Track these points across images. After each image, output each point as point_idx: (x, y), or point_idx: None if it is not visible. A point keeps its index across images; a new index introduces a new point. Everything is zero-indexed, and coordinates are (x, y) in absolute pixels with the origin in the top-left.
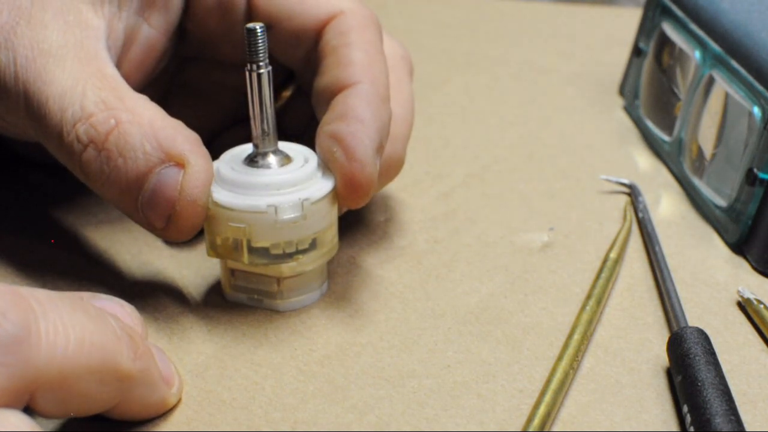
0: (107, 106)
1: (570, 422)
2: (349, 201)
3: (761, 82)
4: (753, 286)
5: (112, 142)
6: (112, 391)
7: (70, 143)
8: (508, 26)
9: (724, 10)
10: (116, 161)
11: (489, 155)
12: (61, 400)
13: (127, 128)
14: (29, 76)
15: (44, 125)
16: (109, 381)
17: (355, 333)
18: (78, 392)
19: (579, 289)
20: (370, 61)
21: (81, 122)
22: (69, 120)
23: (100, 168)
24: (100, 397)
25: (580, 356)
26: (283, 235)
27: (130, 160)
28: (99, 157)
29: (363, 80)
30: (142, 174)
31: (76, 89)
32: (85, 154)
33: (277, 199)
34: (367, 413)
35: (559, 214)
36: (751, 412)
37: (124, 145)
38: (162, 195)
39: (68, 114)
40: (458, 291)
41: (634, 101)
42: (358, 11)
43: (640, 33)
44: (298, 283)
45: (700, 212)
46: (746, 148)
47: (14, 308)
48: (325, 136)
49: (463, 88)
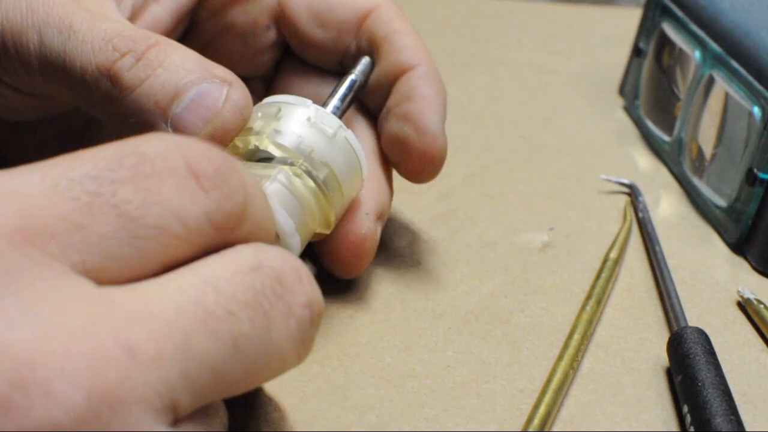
0: (144, 32)
1: (570, 422)
2: (423, 175)
3: (761, 82)
4: (753, 286)
5: (153, 54)
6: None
7: (104, 52)
8: (508, 26)
9: (724, 10)
10: (156, 70)
11: (489, 155)
12: None
13: (168, 48)
14: (44, 9)
15: (67, 49)
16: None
17: (355, 333)
18: None
19: (579, 289)
20: (418, 44)
21: (118, 38)
22: (101, 36)
23: (136, 75)
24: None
25: (580, 356)
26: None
27: (170, 72)
28: (136, 65)
29: (420, 62)
30: (183, 85)
31: (106, 18)
32: (121, 61)
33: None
34: (367, 413)
35: (559, 214)
36: (751, 412)
37: (166, 58)
38: (205, 103)
39: (100, 33)
40: (458, 291)
41: (634, 101)
42: (391, 4)
43: (640, 33)
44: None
45: (700, 212)
46: (746, 148)
47: (316, 311)
48: (394, 119)
49: (463, 88)
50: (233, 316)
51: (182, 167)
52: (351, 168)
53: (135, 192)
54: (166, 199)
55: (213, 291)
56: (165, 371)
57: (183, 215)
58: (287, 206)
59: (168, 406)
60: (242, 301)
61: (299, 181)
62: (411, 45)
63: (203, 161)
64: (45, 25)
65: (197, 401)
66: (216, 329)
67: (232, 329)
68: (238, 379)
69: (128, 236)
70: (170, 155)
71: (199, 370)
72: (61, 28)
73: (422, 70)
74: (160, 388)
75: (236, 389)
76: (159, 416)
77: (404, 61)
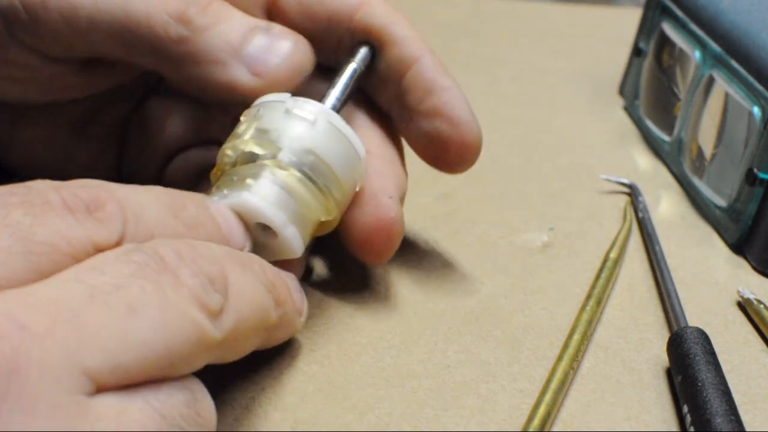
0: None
1: (570, 422)
2: (465, 165)
3: (761, 82)
4: (753, 286)
5: (215, 7)
6: (258, 341)
7: (166, 3)
8: (508, 26)
9: (724, 10)
10: (222, 17)
11: (489, 155)
12: (220, 358)
13: (225, 5)
14: None
15: (122, 3)
16: (259, 333)
17: (355, 333)
18: (237, 348)
19: (579, 289)
20: (417, 35)
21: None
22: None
23: (204, 22)
24: (243, 349)
25: (580, 356)
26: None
27: (238, 18)
28: (202, 12)
29: (423, 53)
30: (252, 27)
31: None
32: (190, 9)
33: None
34: (367, 413)
35: (559, 214)
36: (751, 412)
37: (227, 11)
38: (275, 47)
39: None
40: (458, 291)
41: (634, 101)
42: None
43: (640, 33)
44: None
45: (700, 212)
46: (746, 148)
47: (218, 278)
48: (422, 118)
49: (463, 88)
50: (121, 287)
51: (59, 202)
52: (342, 151)
53: (25, 216)
54: (51, 223)
55: (98, 272)
56: (60, 340)
57: (69, 236)
58: (279, 200)
59: (76, 374)
60: (127, 274)
61: (284, 173)
62: (410, 36)
63: (74, 198)
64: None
65: (117, 370)
66: (106, 300)
67: (124, 297)
68: (149, 345)
69: (23, 251)
70: (49, 193)
71: (99, 336)
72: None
73: (428, 60)
74: (59, 356)
75: (156, 360)
76: (66, 384)
77: (408, 53)
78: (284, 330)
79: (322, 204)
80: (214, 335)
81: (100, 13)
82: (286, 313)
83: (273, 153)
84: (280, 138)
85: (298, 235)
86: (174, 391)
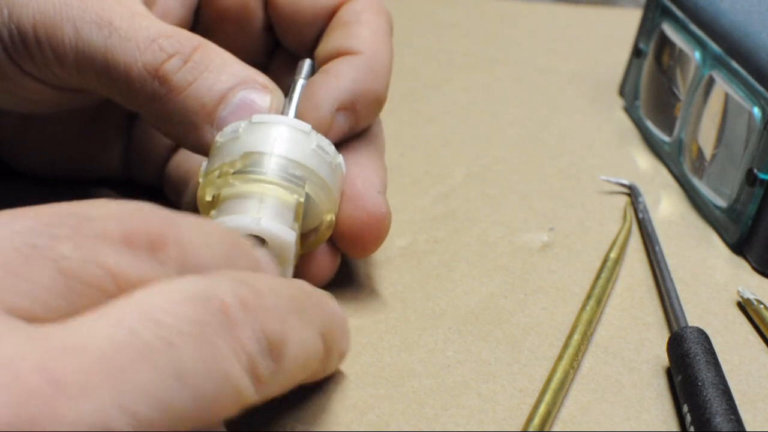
0: (185, 32)
1: (570, 422)
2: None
3: (761, 83)
4: (753, 286)
5: (199, 56)
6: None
7: (151, 52)
8: (508, 26)
9: (724, 10)
10: (202, 73)
11: (489, 155)
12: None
13: (212, 50)
14: (80, 4)
15: (109, 45)
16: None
17: (355, 333)
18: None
19: (579, 289)
20: (375, 39)
21: (164, 38)
22: (145, 36)
23: (184, 77)
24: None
25: (580, 356)
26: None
27: (216, 75)
28: (184, 67)
29: (363, 52)
30: (227, 89)
31: (144, 16)
32: (169, 63)
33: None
34: (367, 412)
35: (559, 214)
36: (751, 412)
37: (210, 62)
38: (249, 108)
39: (143, 32)
40: (458, 291)
41: (634, 101)
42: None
43: (640, 33)
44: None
45: (700, 212)
46: (746, 148)
47: (278, 344)
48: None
49: (463, 88)
50: (173, 346)
51: (119, 235)
52: (298, 144)
53: (74, 249)
54: (103, 260)
55: (152, 322)
56: (95, 402)
57: (118, 276)
58: (271, 210)
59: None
60: (184, 332)
61: (281, 190)
62: (364, 36)
63: (138, 232)
64: (81, 21)
65: (146, 429)
66: (155, 360)
67: (174, 359)
68: (188, 411)
69: (66, 290)
70: (107, 221)
71: (137, 400)
72: (100, 24)
73: (357, 58)
74: (91, 419)
75: (190, 422)
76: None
77: (345, 47)
78: (321, 374)
79: (306, 206)
80: (253, 398)
81: (84, 54)
82: (331, 361)
83: (235, 165)
84: (238, 148)
85: (290, 243)
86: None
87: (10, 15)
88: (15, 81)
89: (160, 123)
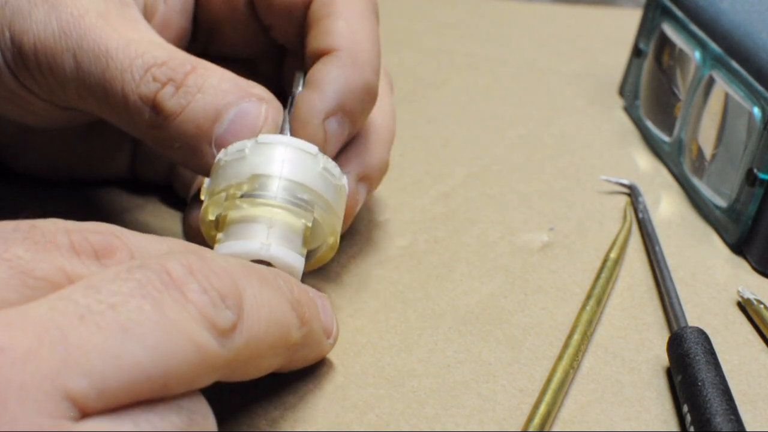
0: (179, 55)
1: (570, 422)
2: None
3: (761, 83)
4: (753, 286)
5: (192, 80)
6: (278, 360)
7: (145, 82)
8: (508, 26)
9: (724, 10)
10: (195, 95)
11: (489, 155)
12: (230, 376)
13: (205, 72)
14: (78, 32)
15: (106, 76)
16: (278, 353)
17: (355, 333)
18: (251, 367)
19: (579, 289)
20: (351, 29)
21: (156, 67)
22: (140, 65)
23: (178, 102)
24: (259, 368)
25: (580, 356)
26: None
27: (209, 95)
28: (177, 93)
29: (340, 47)
30: (222, 106)
31: (139, 42)
32: (162, 91)
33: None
34: (367, 412)
35: (559, 214)
36: (751, 412)
37: (203, 83)
38: (245, 123)
39: (138, 62)
40: (458, 291)
41: (634, 101)
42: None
43: (640, 33)
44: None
45: (700, 212)
46: (746, 148)
47: (231, 294)
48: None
49: (463, 88)
50: (116, 306)
51: (66, 244)
52: (306, 166)
53: (25, 251)
54: (54, 261)
55: (93, 291)
56: (42, 363)
57: (69, 273)
58: (279, 236)
59: (58, 398)
60: (125, 292)
61: (285, 213)
62: (338, 30)
63: (84, 242)
64: (80, 49)
65: (104, 393)
66: (98, 320)
67: (117, 317)
68: (143, 365)
69: (19, 284)
70: (57, 234)
71: (85, 358)
72: (98, 53)
73: (336, 55)
74: (40, 380)
75: (154, 380)
76: (48, 408)
77: (322, 48)
78: (309, 351)
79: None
80: (219, 354)
81: (84, 83)
82: (312, 332)
83: (244, 187)
84: (245, 171)
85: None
86: (169, 413)
87: (12, 38)
88: (23, 98)
89: (162, 149)
